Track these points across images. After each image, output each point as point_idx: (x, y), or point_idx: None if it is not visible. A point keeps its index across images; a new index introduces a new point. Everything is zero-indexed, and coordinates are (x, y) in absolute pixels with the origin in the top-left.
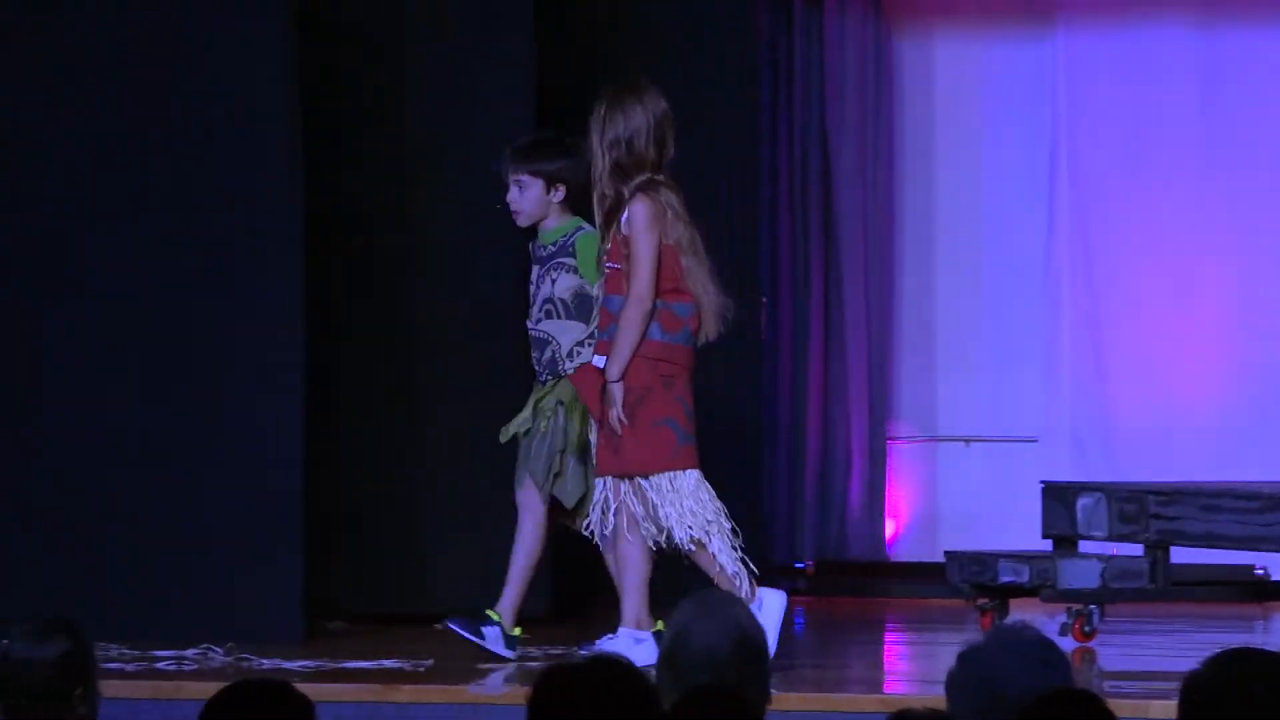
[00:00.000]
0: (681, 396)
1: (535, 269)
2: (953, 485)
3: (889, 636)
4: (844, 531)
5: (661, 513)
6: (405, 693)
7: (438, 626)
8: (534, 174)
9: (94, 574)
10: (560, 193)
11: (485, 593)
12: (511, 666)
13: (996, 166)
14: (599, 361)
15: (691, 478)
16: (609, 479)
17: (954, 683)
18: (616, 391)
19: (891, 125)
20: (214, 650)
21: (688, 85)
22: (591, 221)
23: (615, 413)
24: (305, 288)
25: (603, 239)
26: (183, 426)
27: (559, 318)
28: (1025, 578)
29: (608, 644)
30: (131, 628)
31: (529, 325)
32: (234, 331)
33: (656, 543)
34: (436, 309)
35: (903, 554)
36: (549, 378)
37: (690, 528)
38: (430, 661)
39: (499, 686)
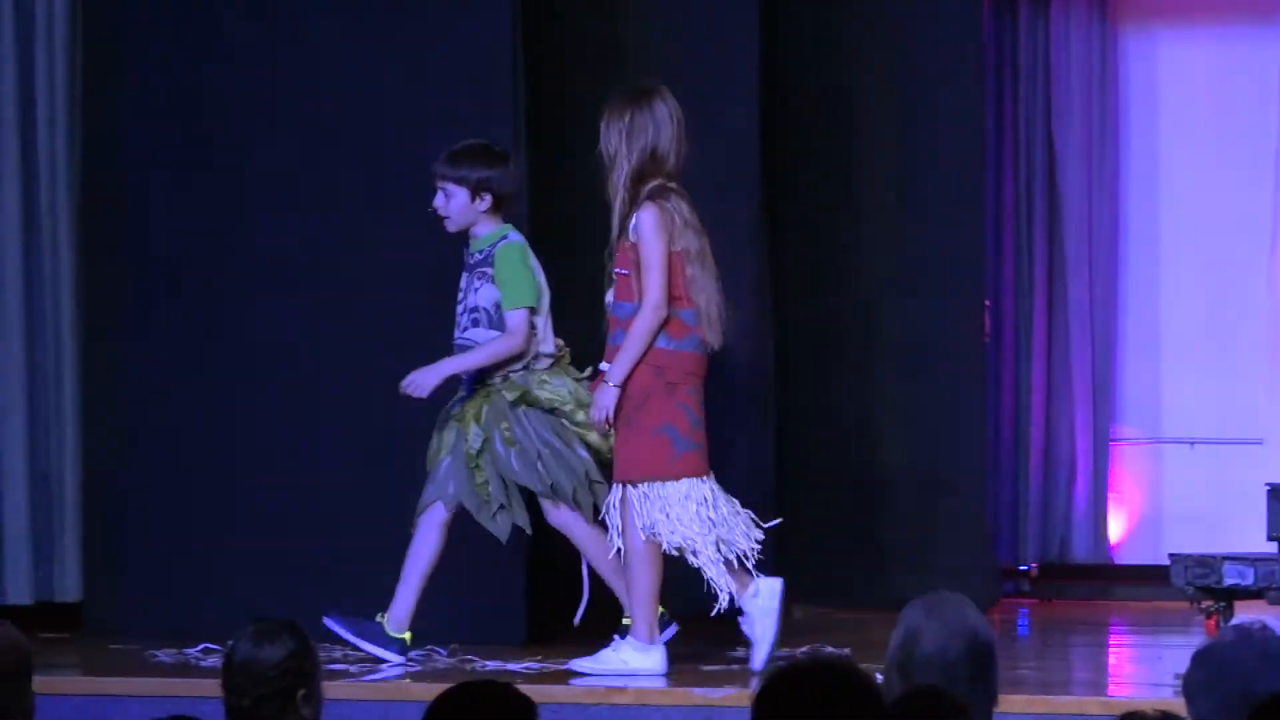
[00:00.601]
0: (685, 403)
1: (465, 276)
2: (1177, 487)
3: (1113, 639)
4: (1068, 534)
5: (649, 519)
6: (628, 694)
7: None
8: (459, 182)
9: (319, 575)
10: (486, 201)
11: (703, 590)
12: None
13: (1221, 164)
14: (607, 367)
15: (683, 486)
16: (615, 485)
17: (1193, 683)
18: (609, 395)
19: (1116, 124)
20: (438, 651)
21: (914, 85)
22: (519, 228)
23: (600, 415)
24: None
25: (612, 244)
26: (411, 427)
27: (484, 326)
28: (1250, 580)
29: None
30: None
31: (456, 334)
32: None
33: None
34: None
35: (1127, 556)
36: (475, 387)
37: (673, 535)
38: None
39: (727, 689)
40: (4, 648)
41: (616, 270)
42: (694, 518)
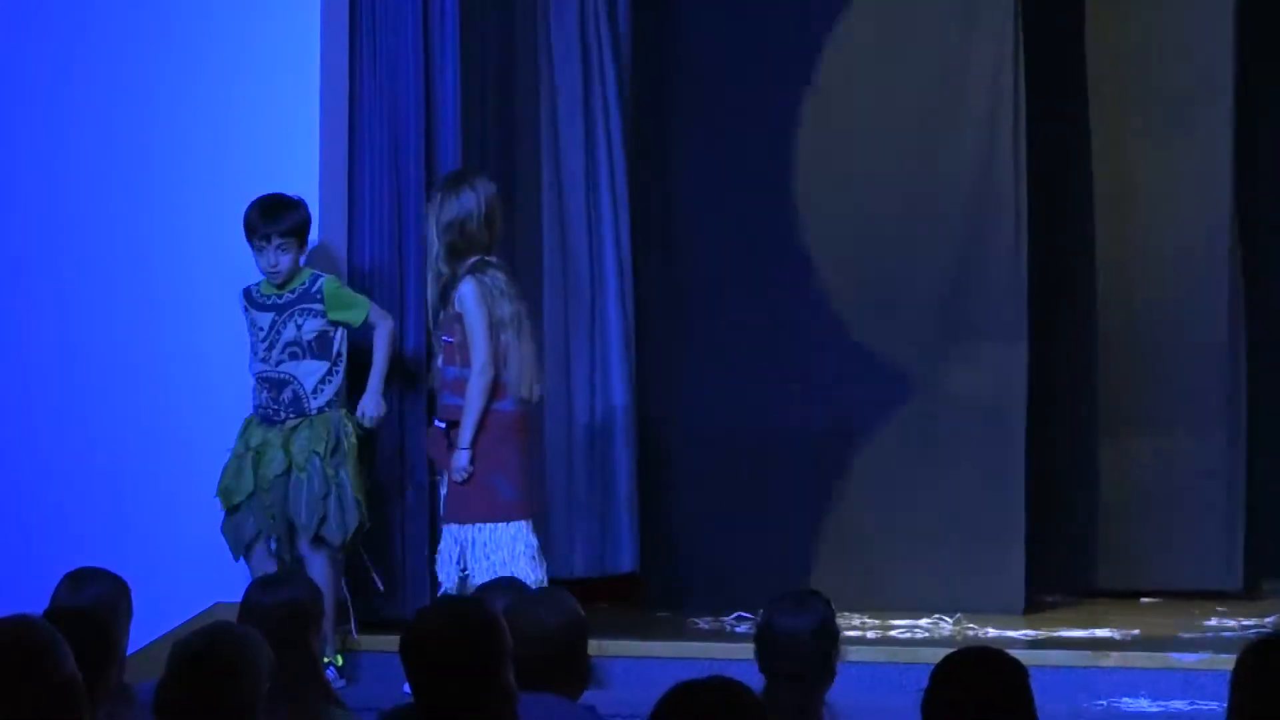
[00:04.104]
0: (509, 456)
1: (264, 315)
2: None
3: None
4: None
5: (470, 557)
6: (1112, 659)
7: None
8: (293, 234)
9: (838, 551)
10: (308, 244)
11: (1186, 566)
12: None
13: None
14: (440, 424)
15: (511, 529)
16: (452, 526)
17: None
18: (463, 458)
19: None
20: (944, 620)
21: None
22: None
23: (460, 477)
24: (1029, 268)
25: (438, 315)
26: (906, 409)
27: (303, 358)
28: None
29: None
30: (872, 600)
31: (265, 368)
32: (960, 310)
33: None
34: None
35: None
36: (291, 416)
37: (491, 575)
38: (1136, 632)
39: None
40: (562, 614)
41: (443, 338)
42: (517, 558)
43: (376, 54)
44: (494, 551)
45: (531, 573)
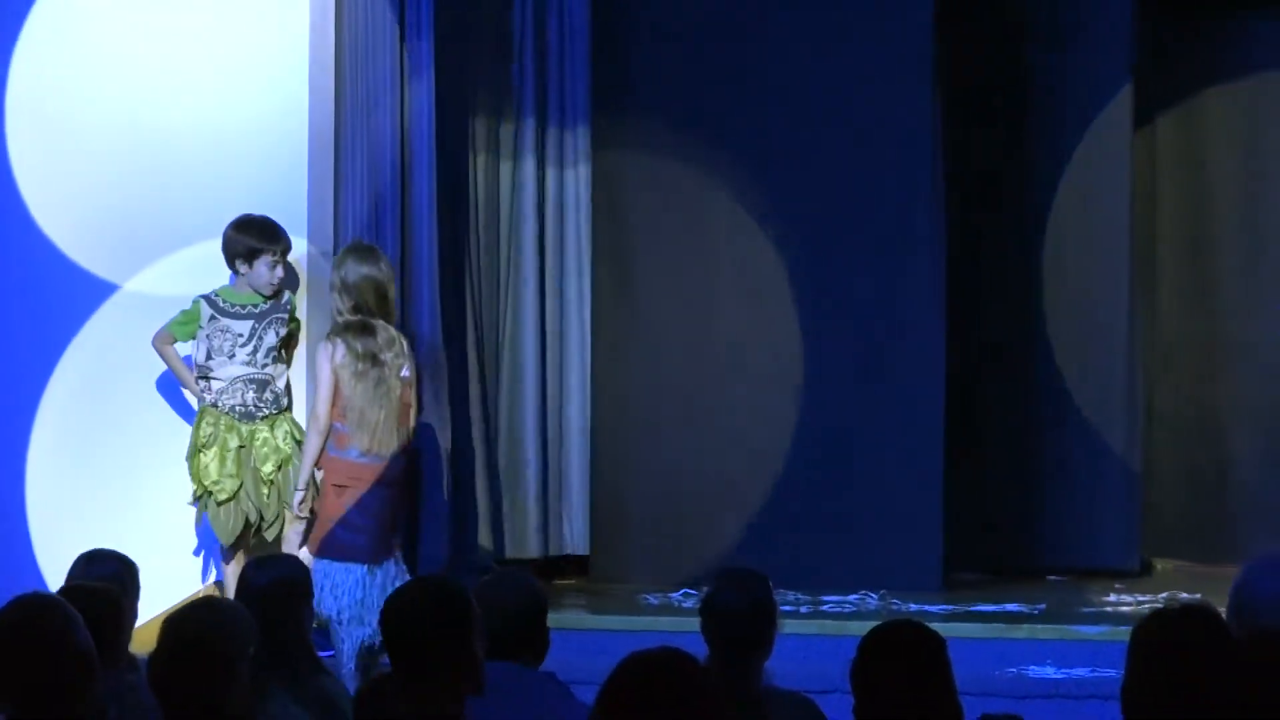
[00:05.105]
0: (348, 501)
1: (242, 322)
2: None
3: None
4: None
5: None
6: (1022, 631)
7: None
8: (287, 251)
9: (774, 534)
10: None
11: (1088, 547)
12: None
13: None
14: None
15: (339, 567)
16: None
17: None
18: (295, 497)
19: None
20: (870, 596)
21: None
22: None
23: (295, 512)
24: (946, 272)
25: None
26: (836, 404)
27: (278, 362)
28: None
29: None
30: (806, 578)
31: (250, 370)
32: (884, 311)
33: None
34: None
35: None
36: (272, 412)
37: (324, 610)
38: (1044, 606)
39: (1101, 627)
40: (524, 592)
41: None
42: (343, 597)
43: (357, 89)
44: (323, 584)
45: (348, 610)
